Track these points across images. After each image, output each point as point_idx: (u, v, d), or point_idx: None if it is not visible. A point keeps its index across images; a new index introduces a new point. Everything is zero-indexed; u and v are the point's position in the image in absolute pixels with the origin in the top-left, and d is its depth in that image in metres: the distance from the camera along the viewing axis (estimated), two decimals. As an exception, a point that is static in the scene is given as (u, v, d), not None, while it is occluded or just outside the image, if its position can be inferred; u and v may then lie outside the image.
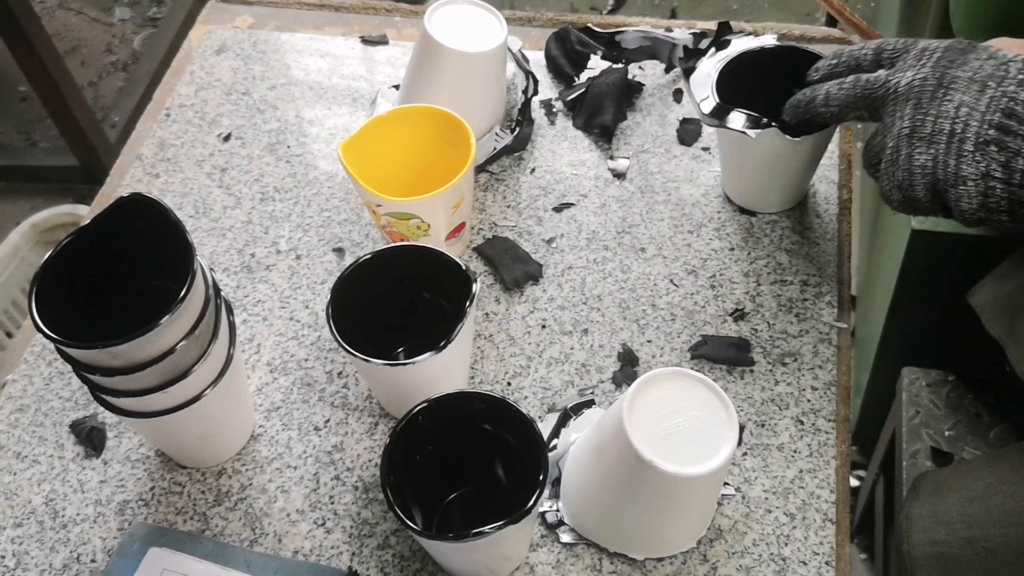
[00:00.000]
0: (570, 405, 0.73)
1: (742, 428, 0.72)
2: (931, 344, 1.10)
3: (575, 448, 0.69)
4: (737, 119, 0.75)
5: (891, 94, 0.63)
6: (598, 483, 0.64)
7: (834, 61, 0.70)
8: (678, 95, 0.94)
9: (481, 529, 0.56)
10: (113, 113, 2.22)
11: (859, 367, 1.33)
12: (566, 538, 0.67)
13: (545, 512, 0.69)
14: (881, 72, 0.65)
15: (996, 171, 0.58)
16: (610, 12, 2.35)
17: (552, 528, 0.68)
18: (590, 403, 0.73)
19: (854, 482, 1.39)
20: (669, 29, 0.96)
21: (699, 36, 0.94)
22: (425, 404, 0.63)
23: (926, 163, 0.61)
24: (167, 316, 0.58)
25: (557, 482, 0.70)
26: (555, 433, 0.72)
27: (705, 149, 0.89)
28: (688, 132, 0.91)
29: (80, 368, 0.61)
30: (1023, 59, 0.60)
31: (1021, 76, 0.59)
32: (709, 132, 0.90)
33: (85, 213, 1.54)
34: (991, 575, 0.64)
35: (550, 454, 0.68)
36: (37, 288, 0.59)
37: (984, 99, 0.59)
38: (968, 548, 0.66)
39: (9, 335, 1.53)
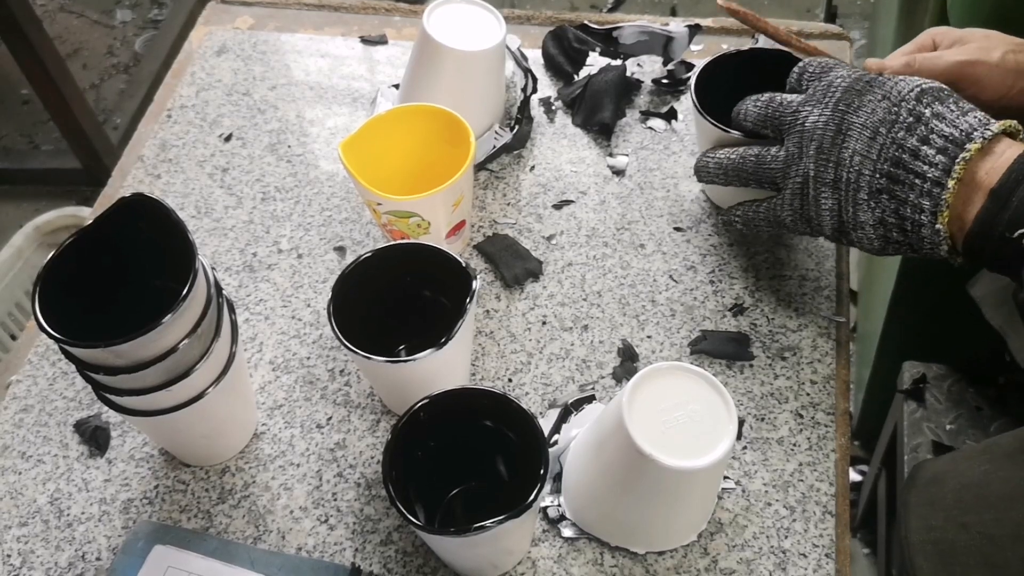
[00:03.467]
0: (571, 401, 0.74)
1: (742, 422, 0.72)
2: (932, 338, 1.10)
3: (576, 443, 0.70)
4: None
5: (797, 126, 0.66)
6: (599, 478, 0.64)
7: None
8: (675, 94, 0.95)
9: (483, 523, 0.56)
10: (115, 115, 2.23)
11: (860, 362, 1.33)
12: (567, 533, 0.68)
13: (547, 507, 0.69)
14: (794, 98, 0.68)
15: (890, 217, 0.62)
16: (610, 10, 2.35)
17: (554, 523, 0.69)
18: (590, 398, 0.74)
19: (856, 477, 1.39)
20: (666, 24, 0.96)
21: (695, 29, 0.95)
22: (427, 401, 0.63)
23: (832, 207, 0.65)
24: (169, 315, 0.58)
25: (558, 477, 0.70)
26: (556, 429, 0.72)
27: (704, 145, 0.90)
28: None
29: (84, 367, 0.61)
30: (916, 94, 0.62)
31: (910, 119, 0.61)
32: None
33: (88, 215, 1.54)
34: (987, 559, 0.65)
35: (551, 450, 0.69)
36: (40, 288, 0.60)
37: (875, 147, 0.62)
38: (964, 533, 0.67)
39: (13, 337, 1.53)
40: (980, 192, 0.58)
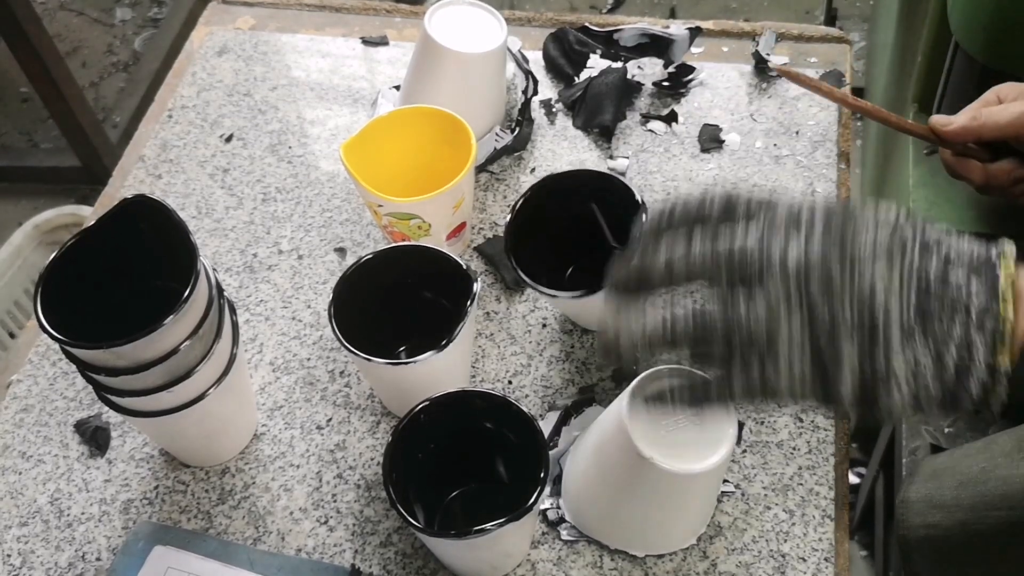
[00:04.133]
0: (571, 403, 0.74)
1: (741, 425, 0.72)
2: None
3: (576, 446, 0.70)
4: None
5: (772, 269, 0.48)
6: (599, 481, 0.64)
7: (665, 212, 0.52)
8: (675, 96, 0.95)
9: (483, 526, 0.57)
10: (114, 113, 2.23)
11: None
12: (567, 535, 0.68)
13: (546, 510, 0.69)
14: (748, 238, 0.49)
15: (927, 366, 0.47)
16: (610, 11, 2.35)
17: (553, 525, 0.69)
18: (591, 401, 0.74)
19: (854, 479, 1.40)
20: (666, 26, 0.96)
21: (695, 31, 0.95)
22: (427, 403, 0.63)
23: (854, 357, 0.48)
24: (171, 316, 0.58)
25: (558, 480, 0.70)
26: (556, 431, 0.72)
27: (705, 150, 0.90)
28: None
29: (85, 368, 0.61)
30: (903, 215, 0.50)
31: (919, 240, 0.48)
32: (708, 131, 0.91)
33: (87, 213, 1.54)
34: (985, 558, 0.65)
35: (551, 452, 0.69)
36: (42, 289, 0.60)
37: (895, 276, 0.48)
38: (962, 532, 0.66)
39: (12, 335, 1.53)
40: None
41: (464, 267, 0.68)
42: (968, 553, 0.66)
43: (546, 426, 0.72)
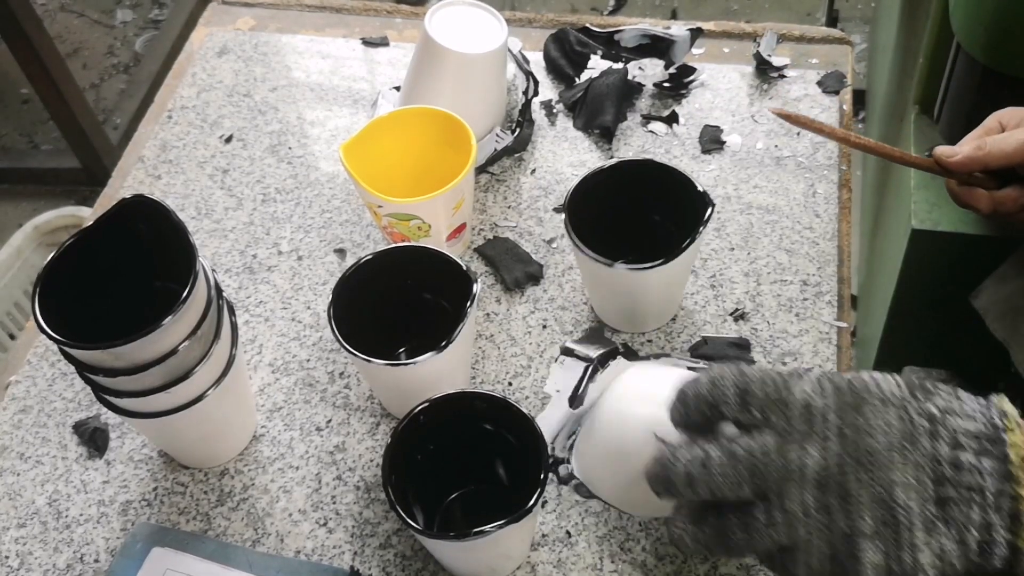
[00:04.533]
0: (597, 356, 0.69)
1: None
2: (933, 344, 1.10)
3: (591, 411, 0.69)
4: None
5: (793, 476, 0.49)
6: (609, 446, 0.65)
7: (687, 403, 0.53)
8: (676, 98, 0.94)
9: (482, 528, 0.56)
10: (115, 115, 2.23)
11: (859, 366, 1.33)
12: (575, 495, 0.69)
13: (558, 465, 0.69)
14: (765, 441, 0.50)
15: (952, 550, 0.49)
16: (611, 12, 2.35)
17: (564, 482, 0.69)
18: (614, 354, 0.69)
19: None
20: (668, 27, 0.96)
21: (696, 32, 0.95)
22: (426, 404, 0.63)
23: (878, 563, 0.49)
24: (170, 317, 0.58)
25: (576, 435, 0.70)
26: (579, 387, 0.69)
27: (706, 152, 0.90)
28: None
29: (83, 369, 0.61)
30: (908, 391, 0.51)
31: (925, 422, 0.49)
32: (709, 132, 0.90)
33: (87, 215, 1.54)
34: None
35: (574, 409, 0.68)
36: (40, 290, 0.60)
37: (910, 470, 0.49)
38: None
39: (12, 336, 1.53)
40: None
41: (464, 268, 0.68)
42: None
43: (562, 375, 0.69)
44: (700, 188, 0.71)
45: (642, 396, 0.65)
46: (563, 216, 0.73)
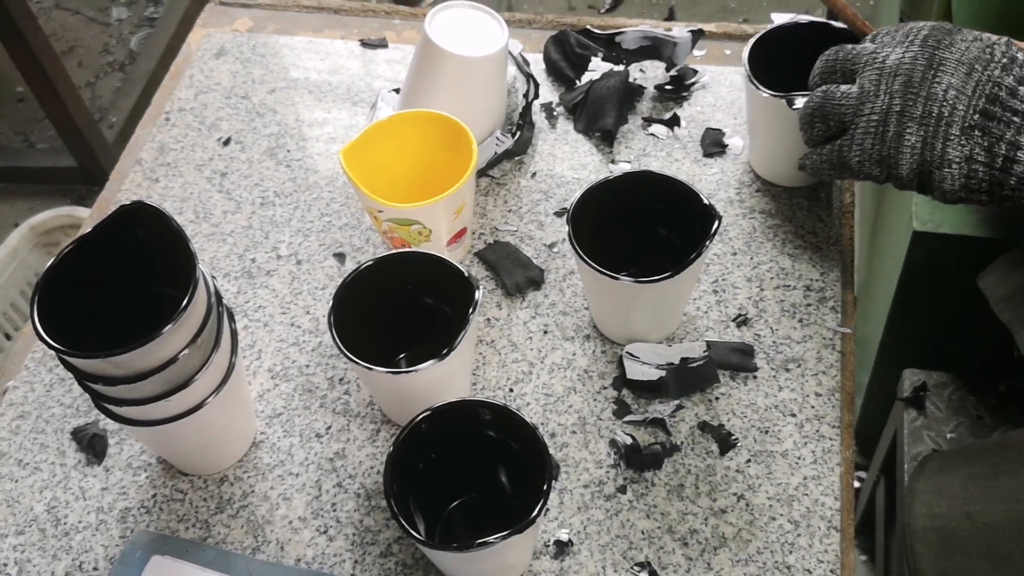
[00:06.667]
0: None
1: (737, 439, 0.72)
2: (933, 345, 1.10)
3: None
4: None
5: (876, 64, 0.65)
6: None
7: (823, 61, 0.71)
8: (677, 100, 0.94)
9: (486, 539, 0.56)
10: (110, 113, 2.22)
11: (859, 368, 1.33)
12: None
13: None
14: (867, 45, 0.67)
15: (979, 155, 0.61)
16: (608, 11, 2.34)
17: None
18: None
19: (855, 483, 1.39)
20: (669, 29, 0.95)
21: (697, 34, 0.94)
22: (428, 412, 0.62)
23: (915, 144, 0.63)
24: (169, 325, 0.57)
25: None
26: None
27: (708, 155, 0.89)
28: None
29: (83, 377, 0.60)
30: (1007, 40, 0.63)
31: (1005, 60, 0.62)
32: (711, 135, 0.90)
33: (84, 214, 1.54)
34: (990, 549, 0.65)
35: None
36: (39, 297, 0.59)
37: (971, 83, 0.62)
38: (968, 523, 0.67)
39: (8, 337, 1.52)
40: None
41: (466, 274, 0.68)
42: (973, 544, 0.67)
43: None
44: (706, 201, 0.70)
45: None
46: (564, 220, 0.73)
